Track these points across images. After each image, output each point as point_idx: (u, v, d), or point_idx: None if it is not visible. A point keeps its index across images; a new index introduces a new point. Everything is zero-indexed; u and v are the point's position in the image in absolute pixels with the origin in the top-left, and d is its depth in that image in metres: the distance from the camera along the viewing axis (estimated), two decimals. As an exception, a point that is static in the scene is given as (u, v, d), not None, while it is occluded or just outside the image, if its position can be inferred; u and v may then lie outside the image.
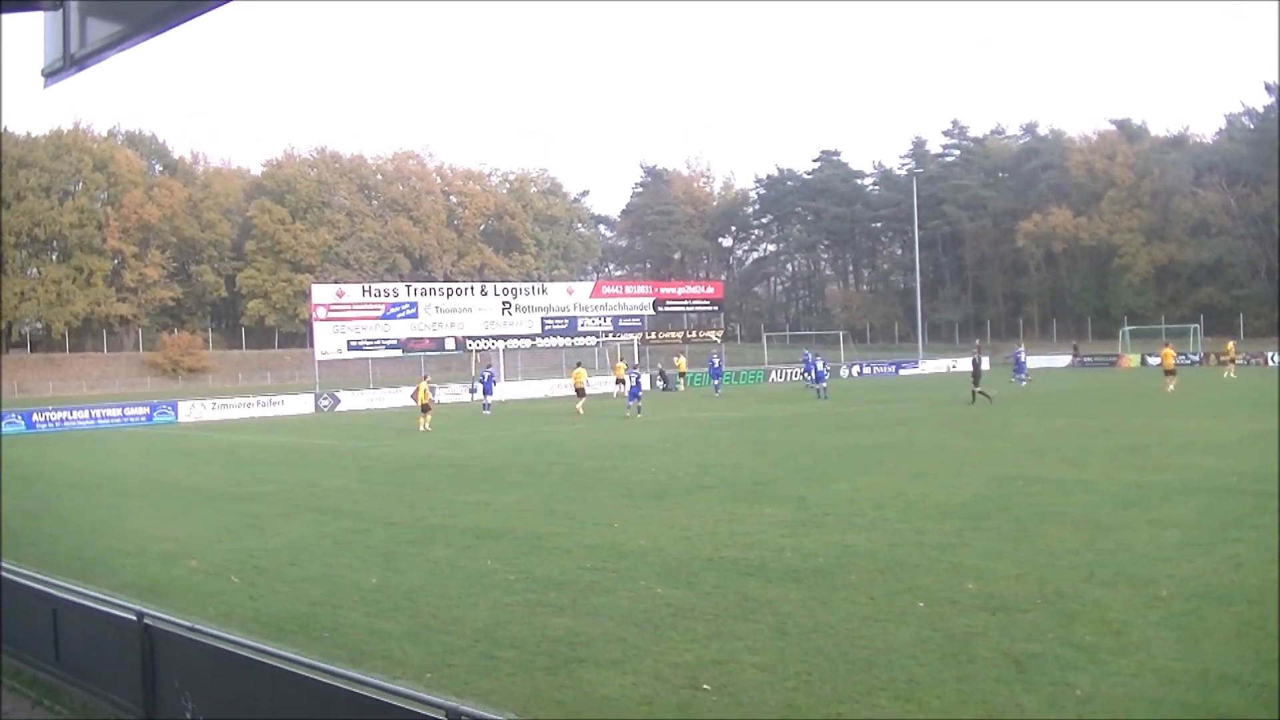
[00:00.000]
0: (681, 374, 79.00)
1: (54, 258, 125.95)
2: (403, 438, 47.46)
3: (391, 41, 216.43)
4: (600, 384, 73.07)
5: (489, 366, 68.91)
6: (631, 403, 56.31)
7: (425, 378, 56.18)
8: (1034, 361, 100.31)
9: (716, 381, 73.07)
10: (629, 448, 38.63)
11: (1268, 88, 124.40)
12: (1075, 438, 36.11)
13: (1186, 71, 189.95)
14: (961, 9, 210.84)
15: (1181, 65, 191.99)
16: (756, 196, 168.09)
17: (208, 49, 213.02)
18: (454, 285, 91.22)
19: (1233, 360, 71.25)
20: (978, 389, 54.42)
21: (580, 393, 60.17)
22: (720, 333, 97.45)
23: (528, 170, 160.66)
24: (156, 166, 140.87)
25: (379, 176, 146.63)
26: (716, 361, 74.93)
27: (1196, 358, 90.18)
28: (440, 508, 25.11)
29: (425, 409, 50.99)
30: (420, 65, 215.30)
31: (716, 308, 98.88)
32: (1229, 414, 42.88)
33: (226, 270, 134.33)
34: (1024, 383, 68.50)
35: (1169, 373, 60.68)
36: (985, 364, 61.53)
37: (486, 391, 62.73)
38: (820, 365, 68.07)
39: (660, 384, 77.43)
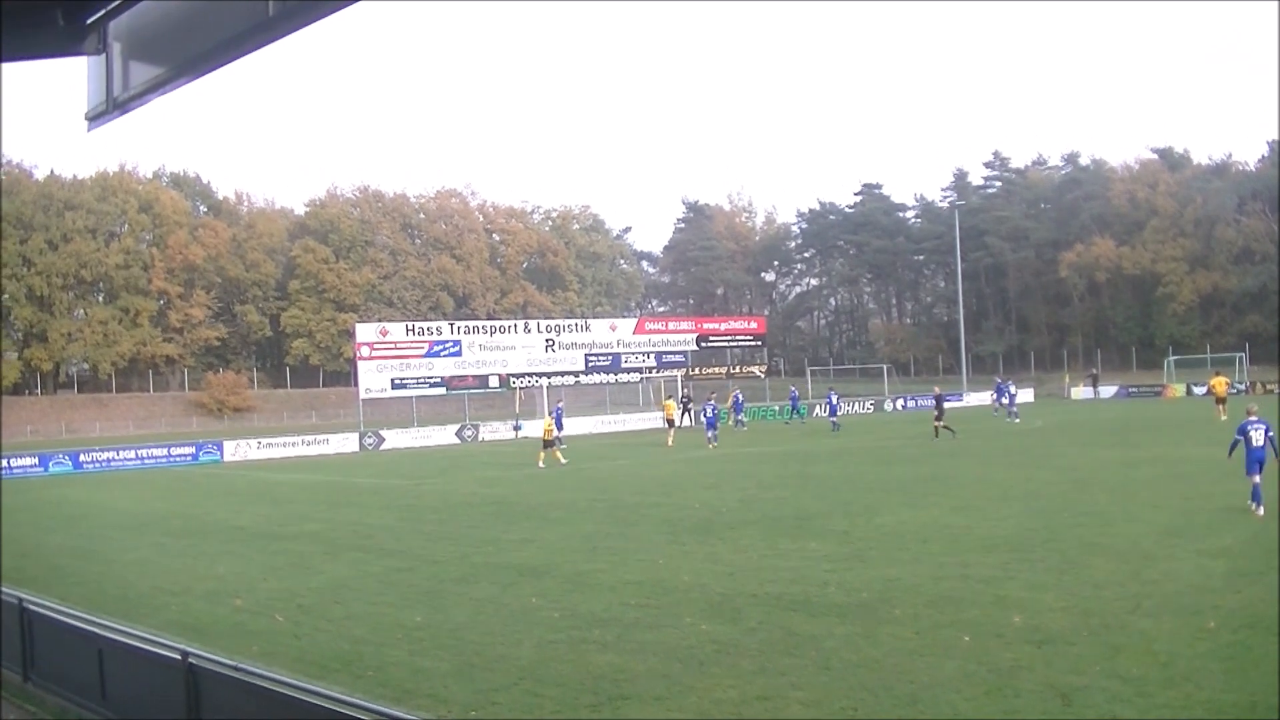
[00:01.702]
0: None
1: (100, 299, 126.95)
2: (446, 476, 47.51)
3: (433, 80, 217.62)
4: (642, 421, 73.05)
5: (560, 401, 69.04)
6: (710, 433, 56.70)
7: (551, 414, 55.82)
8: (1078, 393, 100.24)
9: (829, 417, 71.73)
10: (672, 483, 38.58)
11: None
12: (1120, 468, 35.92)
13: (1228, 99, 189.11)
14: (1000, 41, 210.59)
15: (1222, 92, 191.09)
16: (798, 230, 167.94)
17: (250, 90, 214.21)
18: (497, 323, 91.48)
19: (1222, 400, 67.71)
20: (940, 424, 54.34)
21: (670, 424, 61.43)
22: (764, 368, 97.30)
23: (570, 207, 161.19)
24: (201, 207, 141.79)
25: (421, 215, 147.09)
26: (835, 399, 73.71)
27: (1243, 386, 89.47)
28: (484, 545, 25.12)
29: (548, 444, 50.50)
30: (462, 103, 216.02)
31: (760, 343, 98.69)
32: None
33: (271, 310, 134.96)
34: (1015, 419, 67.18)
35: (1220, 401, 60.09)
36: (1016, 395, 61.10)
37: (558, 426, 62.84)
38: (834, 400, 70.13)
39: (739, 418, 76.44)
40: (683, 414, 73.40)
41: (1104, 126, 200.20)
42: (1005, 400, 72.19)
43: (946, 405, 57.57)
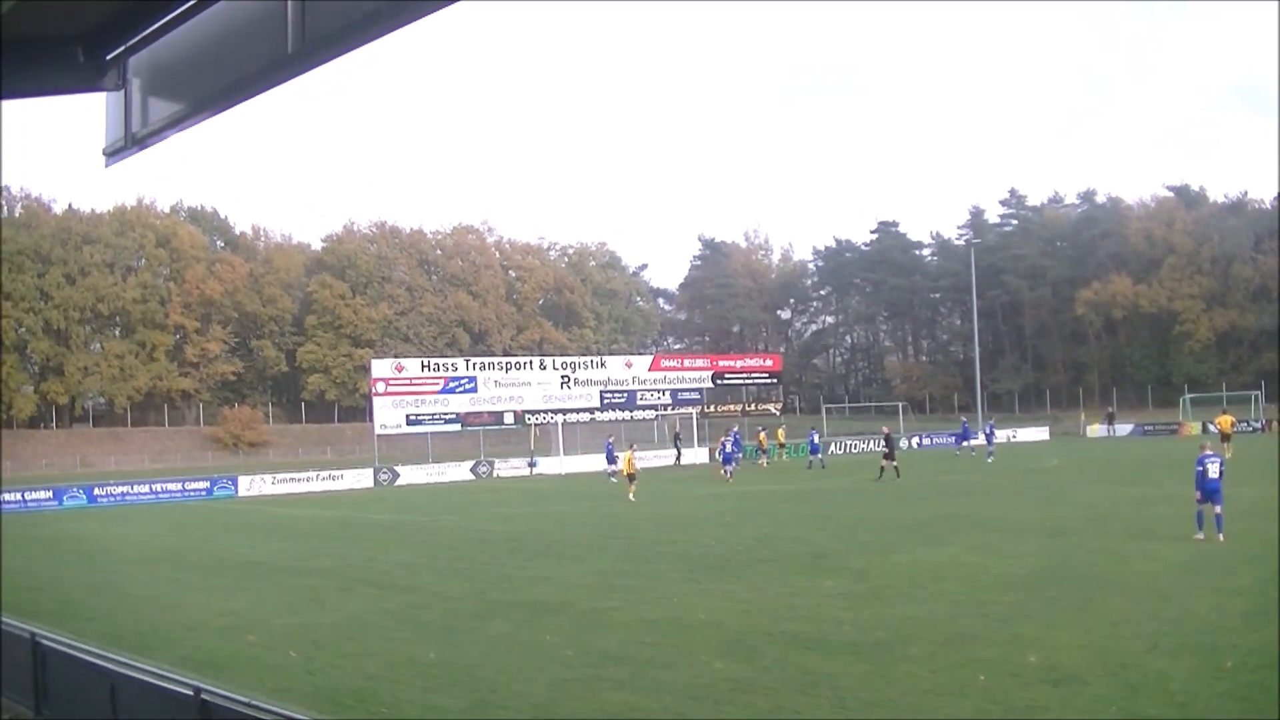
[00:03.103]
0: (781, 445, 78.15)
1: (117, 333, 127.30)
2: (461, 512, 47.52)
3: (451, 116, 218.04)
4: (658, 458, 73.08)
5: (610, 436, 68.98)
6: (727, 467, 56.80)
7: (631, 447, 55.71)
8: (1094, 431, 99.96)
9: (816, 456, 72.00)
10: (688, 520, 38.53)
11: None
12: (1136, 506, 35.81)
13: (1243, 136, 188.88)
14: (1017, 80, 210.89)
15: (1238, 130, 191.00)
16: (815, 268, 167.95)
17: (268, 126, 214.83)
18: (513, 359, 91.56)
19: (1228, 437, 67.56)
20: (890, 463, 54.31)
21: (630, 478, 60.93)
22: (779, 405, 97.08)
23: (586, 244, 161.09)
24: (218, 242, 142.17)
25: (438, 251, 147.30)
26: (816, 438, 74.00)
27: (1259, 424, 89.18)
28: (499, 582, 25.09)
29: (632, 478, 50.10)
30: (480, 139, 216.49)
31: (775, 380, 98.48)
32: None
33: (287, 345, 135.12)
34: (990, 458, 66.74)
35: (1225, 438, 60.06)
36: (996, 434, 61.10)
37: (610, 461, 62.92)
38: (816, 439, 72.41)
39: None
40: (676, 451, 73.82)
41: (1120, 164, 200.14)
42: (971, 441, 74.29)
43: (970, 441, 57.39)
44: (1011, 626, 17.35)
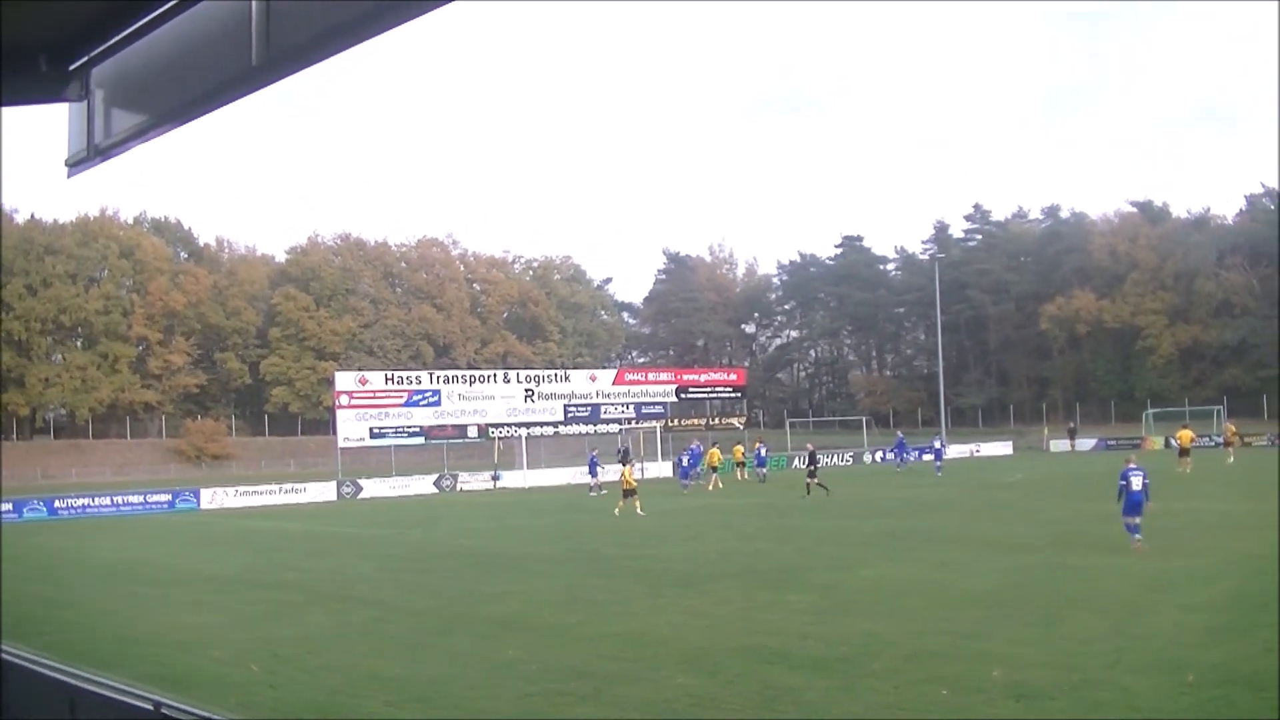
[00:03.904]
0: (740, 463, 76.87)
1: (80, 344, 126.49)
2: (424, 526, 47.40)
3: (415, 128, 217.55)
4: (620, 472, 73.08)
5: (595, 450, 68.78)
6: (684, 481, 56.88)
7: (630, 464, 55.47)
8: (1057, 446, 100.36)
9: (761, 470, 71.75)
10: (652, 535, 38.49)
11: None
12: (1100, 521, 35.81)
13: (1206, 152, 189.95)
14: (981, 95, 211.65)
15: (1202, 146, 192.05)
16: (779, 282, 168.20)
17: (233, 137, 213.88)
18: (477, 373, 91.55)
19: (1231, 444, 70.41)
20: (813, 481, 54.28)
21: (713, 469, 63.03)
22: (743, 419, 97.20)
23: (551, 257, 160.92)
24: (182, 253, 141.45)
25: (403, 264, 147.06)
26: (763, 452, 73.84)
27: (1220, 439, 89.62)
28: (462, 596, 25.01)
29: (630, 493, 48.99)
30: (445, 152, 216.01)
31: (740, 394, 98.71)
32: (1256, 495, 42.47)
33: (251, 357, 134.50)
34: (938, 472, 67.45)
35: (1184, 453, 60.45)
36: (944, 451, 61.44)
37: (592, 474, 63.38)
38: (763, 452, 72.85)
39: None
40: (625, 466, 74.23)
41: (1084, 180, 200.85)
42: (908, 457, 76.89)
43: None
44: (976, 642, 17.36)
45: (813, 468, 55.75)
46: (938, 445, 74.28)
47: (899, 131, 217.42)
